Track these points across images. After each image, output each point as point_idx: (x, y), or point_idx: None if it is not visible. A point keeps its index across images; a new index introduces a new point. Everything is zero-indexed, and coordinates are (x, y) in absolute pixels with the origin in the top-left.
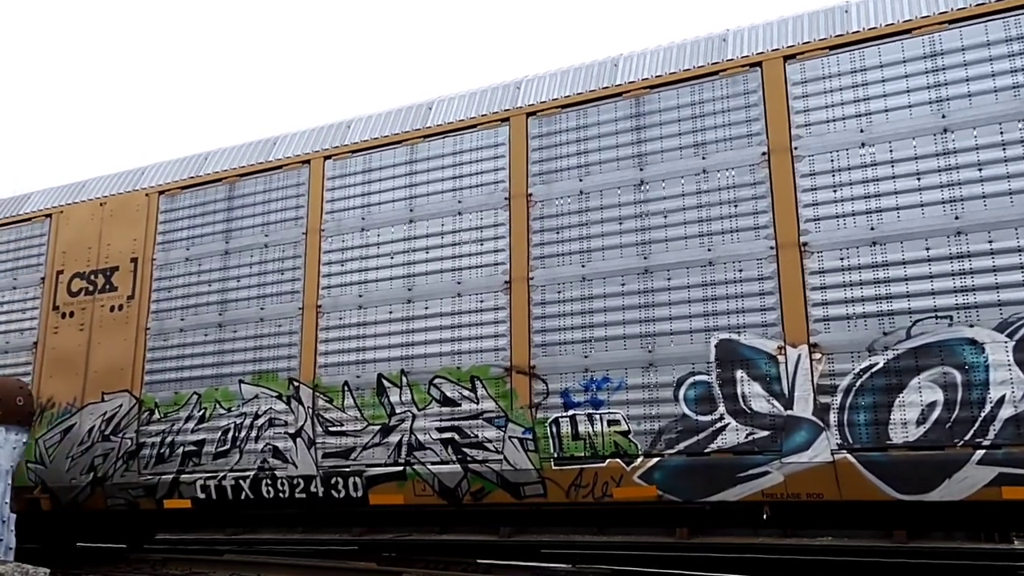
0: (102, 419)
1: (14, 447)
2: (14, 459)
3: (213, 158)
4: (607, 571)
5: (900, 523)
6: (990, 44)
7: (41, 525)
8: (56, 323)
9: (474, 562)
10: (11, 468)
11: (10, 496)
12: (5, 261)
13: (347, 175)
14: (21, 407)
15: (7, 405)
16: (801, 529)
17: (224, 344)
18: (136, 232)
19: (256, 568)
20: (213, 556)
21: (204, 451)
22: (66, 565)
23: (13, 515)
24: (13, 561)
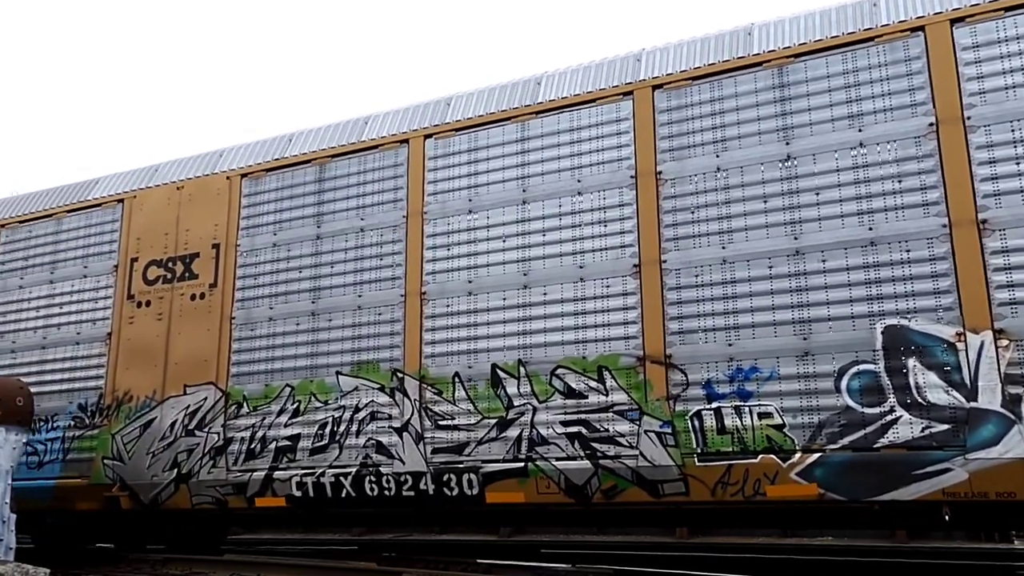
0: (185, 413)
1: (14, 447)
2: (14, 459)
3: (299, 139)
4: (607, 571)
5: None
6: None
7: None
8: (131, 313)
9: (474, 562)
10: (11, 468)
11: (10, 496)
12: (74, 249)
13: (450, 154)
14: (21, 407)
15: (7, 405)
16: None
17: (319, 334)
18: (217, 217)
19: (256, 568)
20: (213, 556)
21: (299, 446)
22: (66, 565)
23: (13, 515)
24: (13, 561)
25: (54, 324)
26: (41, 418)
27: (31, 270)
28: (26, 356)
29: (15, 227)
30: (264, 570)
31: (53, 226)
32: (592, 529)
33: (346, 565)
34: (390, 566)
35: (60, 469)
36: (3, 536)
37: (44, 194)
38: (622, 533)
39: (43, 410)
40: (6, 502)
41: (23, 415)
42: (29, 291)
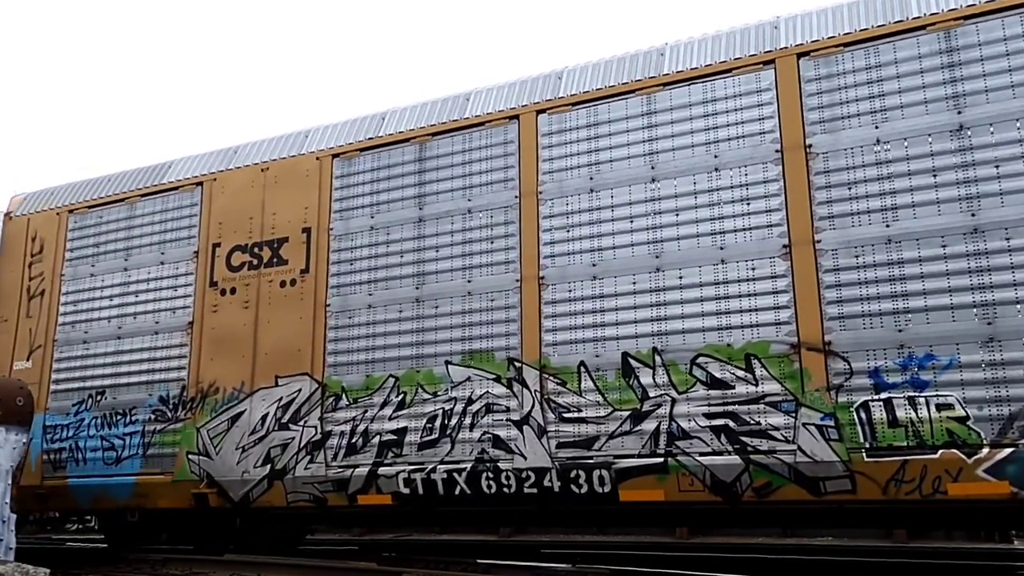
0: (277, 405)
1: (14, 447)
2: (14, 459)
3: (394, 117)
4: (607, 571)
5: None
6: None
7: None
8: (215, 301)
9: (474, 562)
10: (11, 468)
11: (10, 496)
12: (150, 234)
13: (567, 130)
14: (21, 407)
15: (7, 405)
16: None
17: (424, 321)
18: (307, 199)
19: (256, 568)
20: (213, 556)
21: (406, 441)
22: (66, 565)
23: (13, 515)
24: (13, 561)
25: (130, 313)
26: (118, 411)
27: (103, 257)
28: (100, 347)
29: (84, 213)
30: (264, 570)
31: (126, 211)
32: (592, 529)
33: (346, 565)
34: (390, 566)
35: (140, 465)
36: (3, 536)
37: (114, 178)
38: (622, 533)
39: (120, 403)
40: (6, 502)
41: (23, 415)
42: (102, 279)
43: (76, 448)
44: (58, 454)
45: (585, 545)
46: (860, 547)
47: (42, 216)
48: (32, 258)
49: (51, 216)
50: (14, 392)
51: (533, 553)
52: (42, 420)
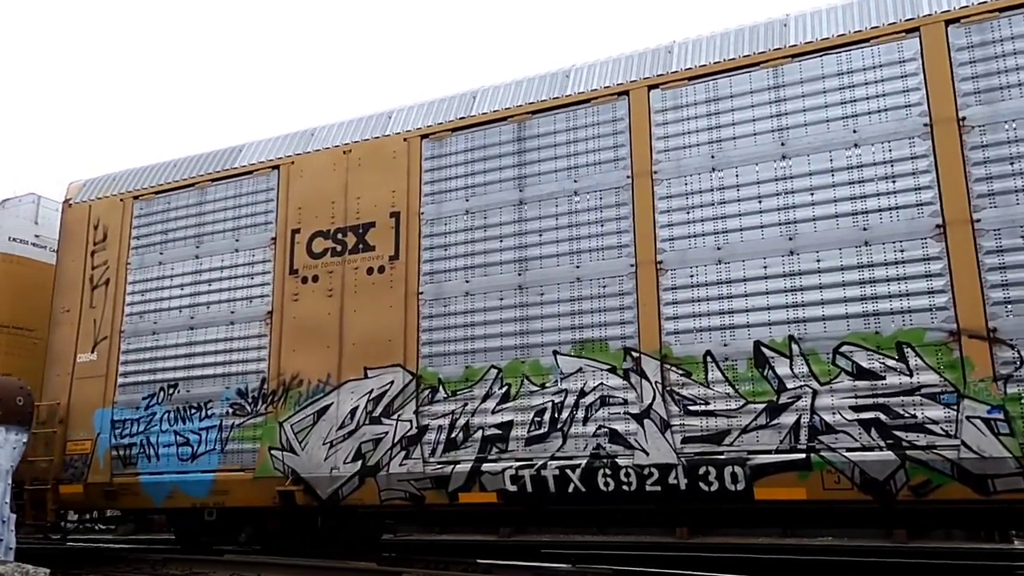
0: (368, 398)
1: (14, 447)
2: (14, 459)
3: (485, 96)
4: (607, 571)
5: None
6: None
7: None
8: (295, 289)
9: (474, 562)
10: (11, 468)
11: (10, 496)
12: (223, 220)
13: (683, 106)
14: (21, 407)
15: (7, 405)
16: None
17: (529, 309)
18: (394, 182)
19: (256, 568)
20: (213, 556)
21: (512, 435)
22: (66, 565)
23: (13, 515)
24: (13, 561)
25: (202, 303)
26: (193, 405)
27: (172, 245)
28: (170, 338)
29: (150, 199)
30: (264, 570)
31: (196, 196)
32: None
33: (346, 565)
34: (390, 566)
35: (218, 461)
36: (3, 536)
37: (181, 163)
38: (622, 533)
39: (194, 396)
40: (6, 502)
41: (23, 415)
42: (171, 267)
43: (147, 443)
44: (128, 450)
45: (585, 545)
46: (860, 547)
47: (105, 203)
48: (95, 246)
49: (114, 203)
50: (14, 392)
51: (533, 553)
52: (110, 414)
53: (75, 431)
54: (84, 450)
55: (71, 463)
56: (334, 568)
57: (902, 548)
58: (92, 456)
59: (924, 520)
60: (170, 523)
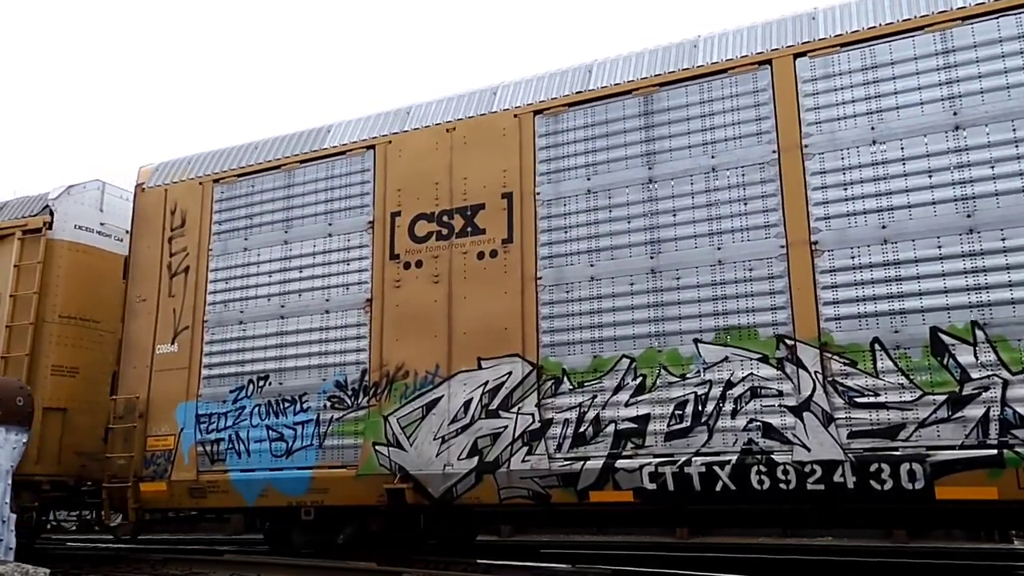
0: (483, 390)
1: (14, 447)
2: (14, 459)
3: (603, 69)
4: (607, 571)
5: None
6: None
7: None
8: (397, 275)
9: (474, 562)
10: (11, 468)
11: (10, 496)
12: (314, 204)
13: (836, 75)
14: (21, 407)
15: (7, 405)
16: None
17: (663, 294)
18: (505, 161)
19: (256, 568)
20: (213, 556)
21: (649, 429)
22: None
23: (13, 515)
24: (13, 561)
25: (293, 291)
26: (286, 398)
27: (258, 230)
28: (259, 327)
29: (232, 182)
30: (264, 570)
31: (283, 179)
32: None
33: (346, 565)
34: (390, 566)
35: (316, 457)
36: (3, 536)
37: (264, 144)
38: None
39: (288, 389)
40: (6, 502)
41: (23, 415)
42: (257, 253)
43: (237, 439)
44: (215, 445)
45: (585, 545)
46: (860, 547)
47: (182, 187)
48: (172, 232)
49: (193, 186)
50: (14, 392)
51: (533, 553)
52: (194, 408)
53: (156, 426)
54: (167, 446)
55: (153, 460)
56: (334, 568)
57: (902, 548)
58: (176, 452)
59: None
60: (260, 523)
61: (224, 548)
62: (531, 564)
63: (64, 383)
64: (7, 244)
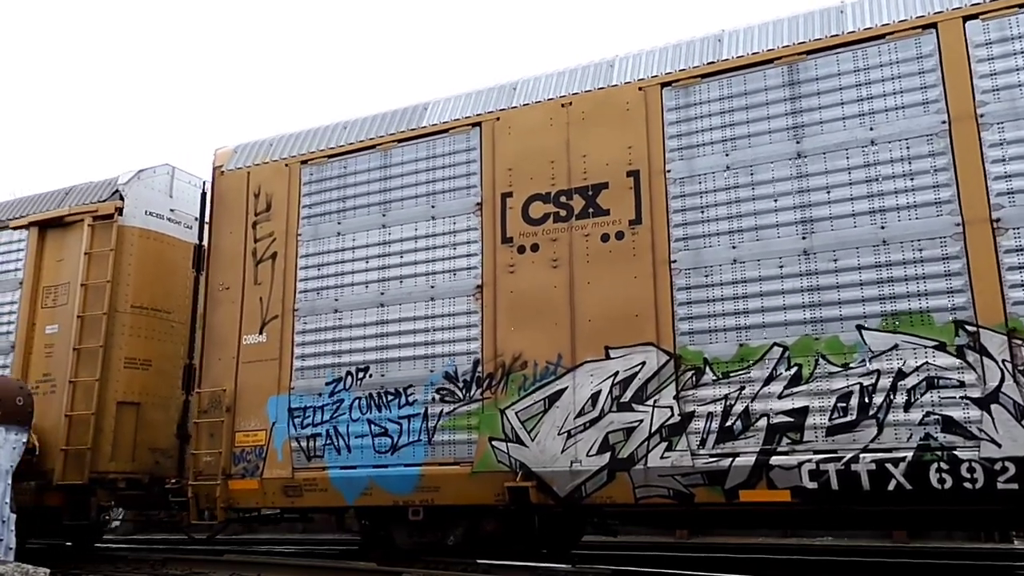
0: (612, 382)
1: (14, 447)
2: (14, 459)
3: (734, 39)
4: (607, 571)
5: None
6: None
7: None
8: (510, 259)
9: (474, 562)
10: (11, 468)
11: (10, 496)
12: (414, 185)
13: (1014, 38)
14: (21, 407)
15: (7, 405)
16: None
17: (819, 278)
18: (630, 137)
19: (256, 568)
20: (213, 556)
21: (808, 423)
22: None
23: (13, 515)
24: (13, 561)
25: (394, 277)
26: (389, 391)
27: (352, 213)
28: (357, 316)
29: (322, 163)
30: (264, 570)
31: (379, 159)
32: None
33: (346, 565)
34: (390, 566)
35: (424, 453)
36: (3, 536)
37: (355, 124)
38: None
39: (391, 381)
40: (6, 502)
41: (23, 415)
42: (352, 238)
43: (336, 434)
44: (311, 441)
45: (585, 545)
46: (860, 547)
47: (266, 169)
48: (257, 217)
49: (278, 168)
50: (14, 392)
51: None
52: (286, 401)
53: (245, 420)
54: (257, 442)
55: (242, 456)
56: (334, 568)
57: (902, 548)
58: (267, 448)
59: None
60: (361, 525)
61: (224, 548)
62: (531, 564)
63: (137, 376)
64: (75, 231)
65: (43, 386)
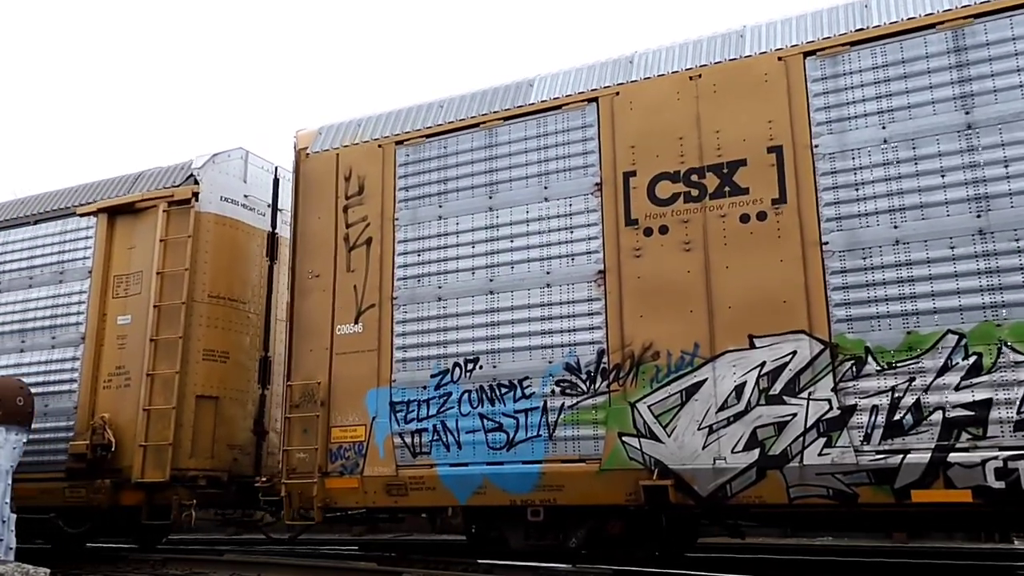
0: (758, 373)
1: (14, 447)
2: (14, 459)
3: (883, 5)
4: (607, 571)
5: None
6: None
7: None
8: (636, 243)
9: (474, 562)
10: (11, 468)
11: (10, 496)
12: (524, 165)
13: None
14: (21, 407)
15: (7, 405)
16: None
17: (999, 259)
18: (770, 111)
19: (256, 568)
20: (213, 556)
21: (992, 417)
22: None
23: (13, 515)
24: (13, 561)
25: (504, 263)
26: (503, 383)
27: (455, 195)
28: (463, 304)
29: (418, 143)
30: (264, 570)
31: (483, 138)
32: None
33: (346, 565)
34: (390, 566)
35: (544, 450)
36: (3, 536)
37: (454, 102)
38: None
39: (504, 372)
40: (6, 502)
41: (23, 415)
42: (456, 222)
43: (444, 429)
44: (417, 437)
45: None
46: (860, 547)
47: (358, 150)
48: (348, 200)
49: (370, 149)
50: (14, 392)
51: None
52: (387, 395)
53: (341, 415)
54: (356, 437)
55: (340, 452)
56: (334, 568)
57: (902, 548)
58: (367, 444)
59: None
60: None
61: (224, 548)
62: (531, 564)
63: (216, 368)
64: (147, 217)
65: (116, 379)
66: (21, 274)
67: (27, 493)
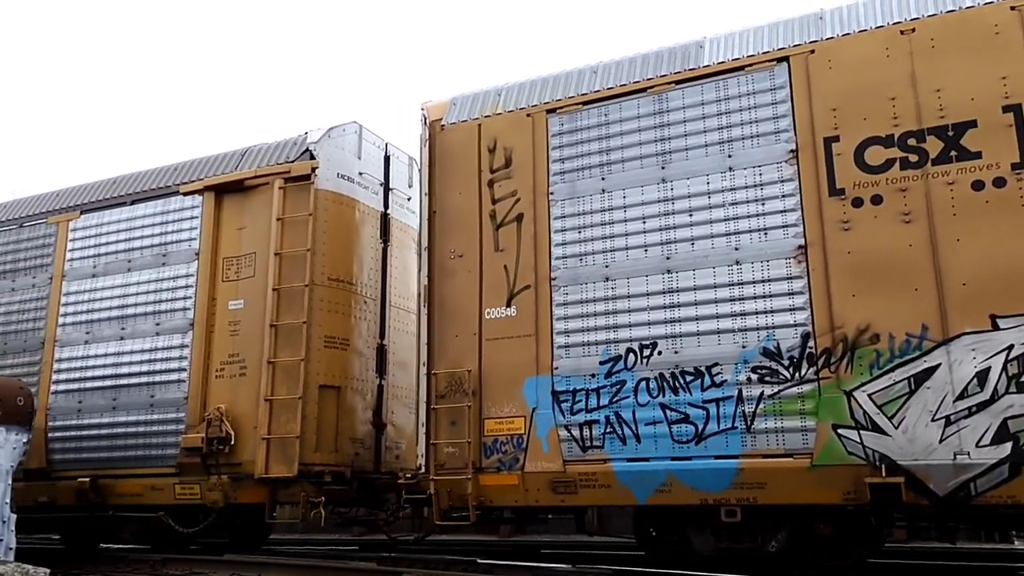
0: (1006, 357)
1: (14, 447)
2: (14, 459)
3: None
4: (607, 571)
5: None
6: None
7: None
8: (843, 214)
9: (474, 562)
10: (11, 468)
11: (10, 496)
12: (701, 132)
13: None
14: (21, 407)
15: (7, 405)
16: None
17: None
18: (1004, 66)
19: (256, 568)
20: (213, 556)
21: None
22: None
23: (13, 515)
24: (13, 561)
25: (682, 239)
26: (687, 370)
27: (620, 166)
28: (636, 284)
29: (575, 111)
30: (264, 570)
31: (650, 105)
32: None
33: (346, 565)
34: (390, 566)
35: (741, 443)
36: (3, 536)
37: (610, 67)
38: (622, 534)
39: (688, 359)
40: (6, 502)
41: (23, 415)
42: (623, 195)
43: (618, 420)
44: (587, 429)
45: (585, 545)
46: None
47: (502, 120)
48: (493, 174)
49: (517, 119)
50: (14, 392)
51: (533, 553)
52: (548, 383)
53: (496, 406)
54: (514, 430)
55: (495, 446)
56: (334, 568)
57: (902, 548)
58: (527, 437)
59: None
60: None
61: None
62: (531, 564)
63: (337, 356)
64: (258, 196)
65: (230, 368)
66: (118, 257)
67: (131, 490)
